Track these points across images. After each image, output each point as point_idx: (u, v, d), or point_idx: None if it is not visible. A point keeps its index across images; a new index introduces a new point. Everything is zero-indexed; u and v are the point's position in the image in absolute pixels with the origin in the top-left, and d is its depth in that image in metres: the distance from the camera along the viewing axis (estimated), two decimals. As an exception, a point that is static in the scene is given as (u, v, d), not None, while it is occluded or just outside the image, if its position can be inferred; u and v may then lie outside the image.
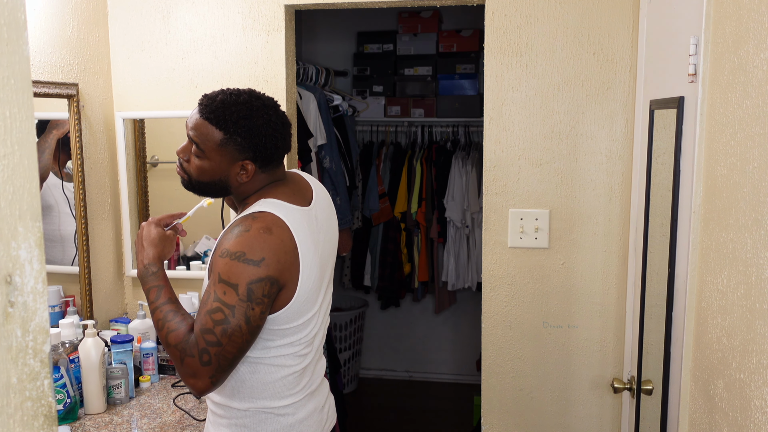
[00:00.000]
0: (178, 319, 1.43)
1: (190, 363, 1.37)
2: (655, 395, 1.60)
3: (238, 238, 1.38)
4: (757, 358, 0.97)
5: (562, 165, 2.13)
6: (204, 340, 1.36)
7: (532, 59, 2.11)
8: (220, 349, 1.35)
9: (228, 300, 1.36)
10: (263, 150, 1.47)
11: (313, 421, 1.55)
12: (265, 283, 1.37)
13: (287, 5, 2.27)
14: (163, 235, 1.56)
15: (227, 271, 1.36)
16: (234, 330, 1.36)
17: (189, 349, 1.37)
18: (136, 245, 1.57)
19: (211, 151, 1.47)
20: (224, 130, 1.44)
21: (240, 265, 1.36)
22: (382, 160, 4.18)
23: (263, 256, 1.37)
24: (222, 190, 1.53)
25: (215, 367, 1.36)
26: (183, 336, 1.39)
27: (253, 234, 1.38)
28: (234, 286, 1.36)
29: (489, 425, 2.26)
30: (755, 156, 0.99)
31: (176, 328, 1.41)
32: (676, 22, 1.52)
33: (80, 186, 2.21)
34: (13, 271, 0.51)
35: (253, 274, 1.36)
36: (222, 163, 1.47)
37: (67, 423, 1.89)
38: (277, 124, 1.49)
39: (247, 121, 1.45)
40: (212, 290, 1.38)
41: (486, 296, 2.22)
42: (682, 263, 1.36)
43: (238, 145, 1.45)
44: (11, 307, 0.51)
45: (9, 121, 0.51)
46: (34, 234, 0.53)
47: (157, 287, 1.48)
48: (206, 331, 1.36)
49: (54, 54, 2.12)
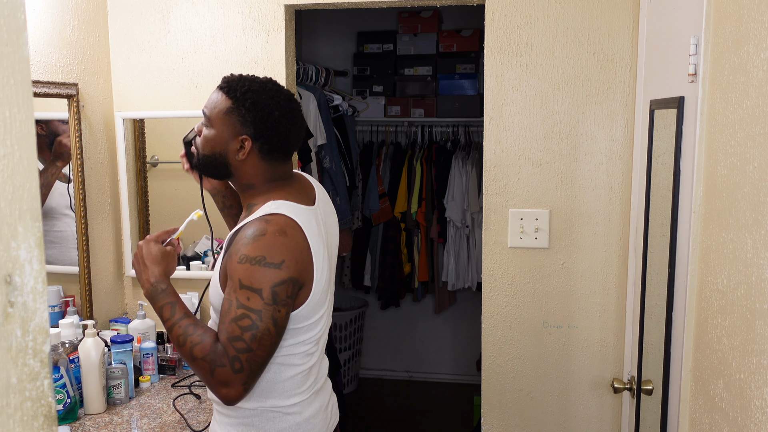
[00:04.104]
0: (199, 332, 1.41)
1: (222, 373, 1.36)
2: (655, 395, 1.60)
3: (255, 242, 1.37)
4: (757, 358, 0.97)
5: (562, 165, 2.13)
6: (234, 348, 1.35)
7: (532, 59, 2.11)
8: (251, 355, 1.35)
9: (253, 305, 1.35)
10: (265, 130, 1.46)
11: (319, 420, 1.56)
12: (288, 284, 1.38)
13: (287, 5, 2.27)
14: (165, 251, 1.54)
15: (249, 277, 1.35)
16: (263, 334, 1.36)
17: (218, 359, 1.36)
18: (137, 266, 1.54)
19: (216, 119, 1.48)
20: (233, 99, 1.46)
21: (261, 270, 1.35)
22: (382, 160, 4.18)
23: (283, 259, 1.37)
24: (222, 167, 1.51)
25: (248, 373, 1.36)
26: (210, 347, 1.38)
27: (270, 237, 1.38)
28: (258, 291, 1.35)
29: (489, 425, 2.26)
30: (755, 156, 0.99)
31: (200, 341, 1.39)
32: (676, 22, 1.52)
33: (80, 186, 2.21)
34: (13, 271, 0.51)
35: (275, 277, 1.36)
36: (223, 134, 1.47)
37: (67, 423, 1.89)
38: (285, 111, 1.48)
39: (256, 95, 1.46)
40: (233, 298, 1.37)
41: (486, 296, 2.22)
42: (682, 263, 1.36)
43: (241, 117, 1.45)
44: (11, 307, 0.51)
45: (9, 121, 0.51)
46: (34, 234, 0.53)
47: (170, 304, 1.47)
48: (235, 339, 1.35)
49: (54, 54, 2.12)
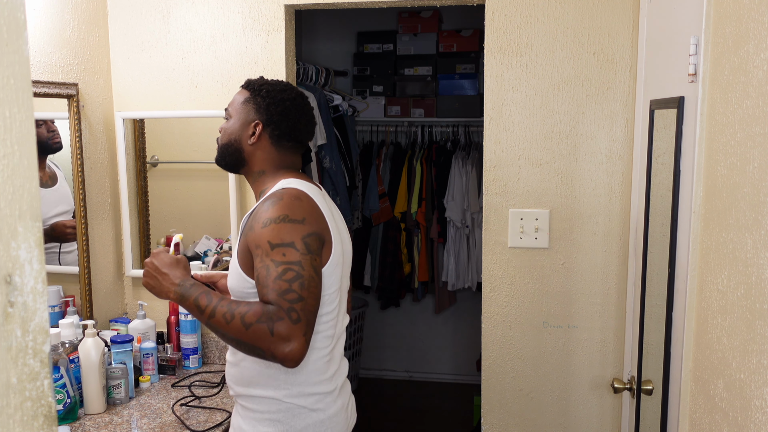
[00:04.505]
0: (244, 303, 1.41)
1: (282, 327, 1.35)
2: (655, 395, 1.60)
3: (275, 206, 1.45)
4: (757, 358, 0.97)
5: (562, 165, 2.13)
6: (286, 301, 1.36)
7: (532, 59, 2.11)
8: (304, 303, 1.38)
9: (291, 258, 1.39)
10: (276, 116, 1.59)
11: (341, 419, 1.59)
12: (314, 237, 1.45)
13: (287, 5, 2.27)
14: (176, 257, 1.57)
15: (277, 235, 1.41)
16: (309, 280, 1.39)
17: (275, 315, 1.36)
18: (152, 279, 1.55)
19: (234, 110, 1.63)
20: (249, 91, 1.63)
21: (288, 225, 1.42)
22: (382, 160, 4.18)
23: (304, 216, 1.45)
24: (236, 154, 1.62)
25: (305, 323, 1.37)
26: (261, 309, 1.37)
27: (288, 200, 1.47)
28: (290, 244, 1.40)
29: (489, 425, 2.26)
30: (755, 156, 0.99)
31: (249, 309, 1.39)
32: (676, 22, 1.52)
33: (80, 186, 2.21)
34: (13, 271, 0.51)
35: (302, 230, 1.43)
36: (239, 121, 1.61)
37: (67, 423, 1.89)
38: (296, 102, 1.62)
39: (270, 87, 1.62)
40: (268, 261, 1.40)
41: (486, 296, 2.22)
42: (682, 263, 1.36)
43: (256, 104, 1.60)
44: (11, 307, 0.51)
45: (9, 121, 0.51)
46: (34, 234, 0.53)
47: (204, 293, 1.47)
48: (285, 292, 1.37)
49: (54, 54, 2.12)
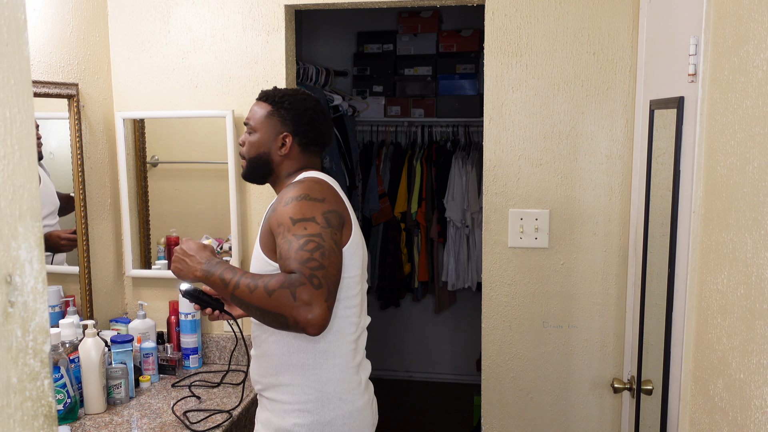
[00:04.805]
0: (267, 275, 1.43)
1: (304, 291, 1.36)
2: (655, 395, 1.60)
3: (296, 187, 1.52)
4: (757, 358, 0.97)
5: (562, 165, 2.13)
6: (308, 268, 1.39)
7: (532, 59, 2.11)
8: (325, 272, 1.40)
9: (312, 230, 1.44)
10: (303, 126, 1.65)
11: (367, 414, 1.64)
12: (334, 213, 1.50)
13: (287, 5, 2.27)
14: (203, 244, 1.62)
15: (299, 211, 1.46)
16: (330, 250, 1.43)
17: (297, 281, 1.37)
18: (180, 263, 1.58)
19: (258, 124, 1.66)
20: (271, 104, 1.66)
21: (309, 203, 1.48)
22: (382, 160, 4.18)
23: (324, 196, 1.52)
24: (266, 165, 1.67)
25: (327, 289, 1.39)
26: (284, 277, 1.39)
27: (308, 183, 1.54)
28: (311, 219, 1.46)
29: (489, 425, 2.26)
30: (755, 156, 0.99)
31: (272, 278, 1.41)
32: (676, 22, 1.52)
33: (80, 186, 2.21)
34: (13, 271, 0.51)
35: (322, 207, 1.49)
36: (266, 134, 1.65)
37: (67, 423, 1.89)
38: (317, 109, 1.68)
39: (291, 97, 1.67)
40: (290, 236, 1.44)
41: (486, 296, 2.22)
42: (682, 263, 1.36)
43: (281, 117, 1.65)
44: (11, 307, 0.51)
45: (9, 121, 0.51)
46: (34, 234, 0.53)
47: (229, 268, 1.50)
48: (306, 261, 1.40)
49: (54, 54, 2.12)
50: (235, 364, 2.38)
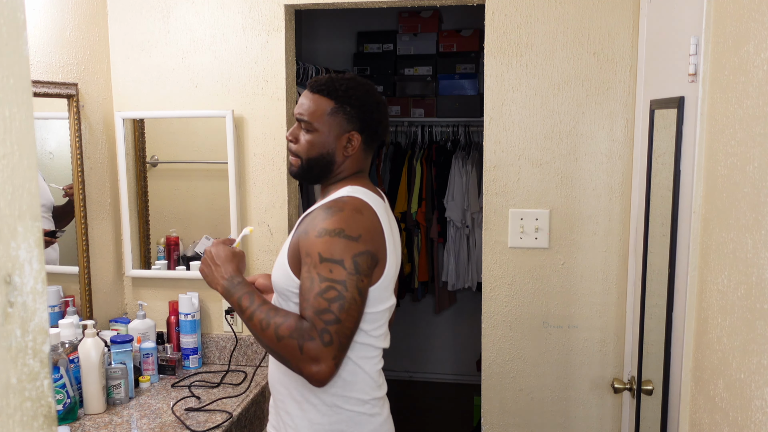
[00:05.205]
0: (282, 314, 1.40)
1: (312, 347, 1.34)
2: (655, 395, 1.60)
3: (333, 217, 1.41)
4: (757, 358, 0.97)
5: (562, 165, 2.13)
6: (322, 321, 1.34)
7: (532, 59, 2.11)
8: (340, 326, 1.35)
9: (337, 276, 1.37)
10: (370, 122, 1.51)
11: (391, 421, 1.62)
12: (366, 256, 1.40)
13: (287, 5, 2.27)
14: (234, 251, 1.56)
15: (329, 249, 1.38)
16: (350, 303, 1.37)
17: (307, 333, 1.35)
18: (207, 268, 1.54)
19: (320, 122, 1.50)
20: (335, 99, 1.50)
21: (342, 241, 1.38)
22: (382, 160, 4.18)
23: (360, 233, 1.40)
24: (327, 166, 1.53)
25: (337, 346, 1.35)
26: (295, 324, 1.36)
27: (348, 213, 1.42)
28: (339, 262, 1.37)
29: (489, 425, 2.26)
30: (755, 156, 0.99)
31: (284, 321, 1.38)
32: (677, 22, 1.52)
33: (80, 186, 2.21)
34: (12, 271, 0.51)
35: (355, 248, 1.39)
36: (331, 134, 1.51)
37: (67, 423, 1.89)
38: (381, 103, 1.55)
39: (355, 91, 1.51)
40: (314, 273, 1.38)
41: (486, 296, 2.22)
42: (682, 263, 1.36)
43: (347, 114, 1.50)
44: (11, 307, 0.51)
45: (9, 121, 0.51)
46: (33, 234, 0.53)
47: (247, 294, 1.46)
48: (322, 312, 1.35)
49: (54, 54, 2.12)
50: (234, 365, 2.37)
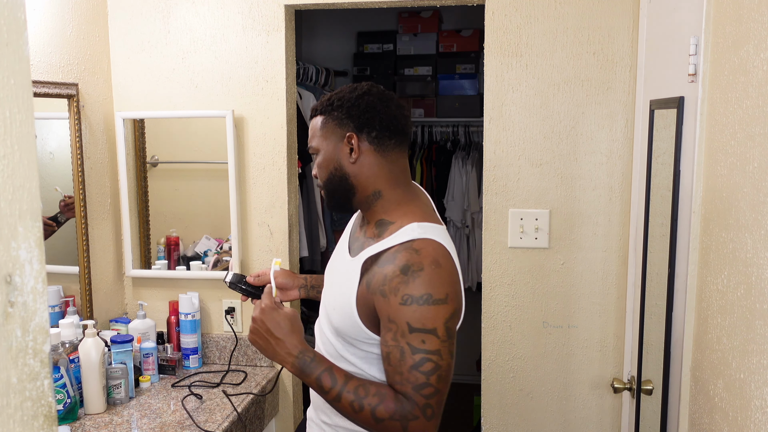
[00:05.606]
0: (372, 391, 1.33)
1: (417, 425, 1.29)
2: (655, 395, 1.60)
3: (416, 279, 1.29)
4: (757, 358, 0.97)
5: (562, 165, 2.13)
6: (422, 396, 1.29)
7: (532, 59, 2.11)
8: (439, 397, 1.31)
9: (430, 347, 1.29)
10: (364, 116, 1.39)
11: None
12: (455, 317, 1.34)
13: (287, 5, 2.27)
14: (289, 315, 1.43)
15: (419, 318, 1.29)
16: (446, 371, 1.32)
17: (409, 413, 1.29)
18: (264, 342, 1.42)
19: (318, 140, 1.43)
20: (322, 112, 1.43)
21: (432, 309, 1.29)
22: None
23: (446, 293, 1.31)
24: (343, 183, 1.43)
25: (437, 414, 1.31)
26: (394, 404, 1.30)
27: (429, 272, 1.30)
28: (432, 331, 1.29)
29: (489, 425, 2.26)
30: (755, 156, 0.99)
31: (380, 401, 1.31)
32: (677, 22, 1.52)
33: (80, 186, 2.21)
34: (13, 271, 0.51)
35: (445, 312, 1.31)
36: (329, 147, 1.42)
37: (67, 423, 1.89)
38: (372, 92, 1.42)
39: (337, 95, 1.42)
40: (404, 344, 1.29)
41: (486, 296, 2.22)
42: (682, 263, 1.36)
43: (335, 119, 1.40)
44: (11, 307, 0.51)
45: (9, 121, 0.51)
46: (34, 234, 0.53)
47: (326, 371, 1.36)
48: (421, 387, 1.29)
49: (54, 54, 2.12)
50: (235, 364, 2.38)
